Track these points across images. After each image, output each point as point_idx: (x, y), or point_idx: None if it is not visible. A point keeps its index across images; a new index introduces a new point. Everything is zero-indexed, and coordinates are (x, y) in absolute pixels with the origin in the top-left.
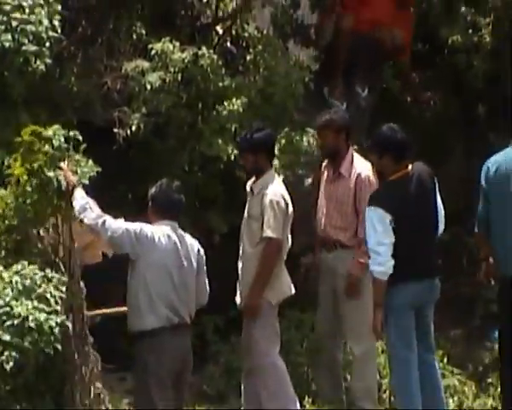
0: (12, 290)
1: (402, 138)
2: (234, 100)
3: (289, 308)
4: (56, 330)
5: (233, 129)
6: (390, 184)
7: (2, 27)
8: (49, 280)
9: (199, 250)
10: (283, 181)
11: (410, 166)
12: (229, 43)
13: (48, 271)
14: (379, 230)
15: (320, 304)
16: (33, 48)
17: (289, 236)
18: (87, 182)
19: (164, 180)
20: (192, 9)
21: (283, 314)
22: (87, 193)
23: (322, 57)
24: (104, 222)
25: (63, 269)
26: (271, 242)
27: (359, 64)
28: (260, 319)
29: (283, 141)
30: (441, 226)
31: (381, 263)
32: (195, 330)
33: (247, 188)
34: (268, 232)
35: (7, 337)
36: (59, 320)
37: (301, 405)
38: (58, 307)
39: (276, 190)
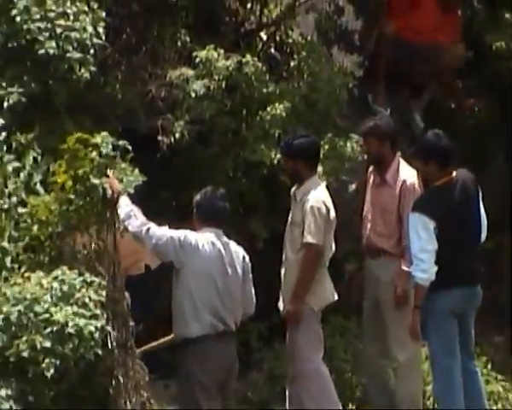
0: (51, 297)
1: (447, 145)
2: (277, 105)
3: (333, 315)
4: (96, 335)
5: (276, 135)
6: (434, 191)
7: (47, 34)
8: (89, 285)
9: (244, 258)
10: (326, 187)
11: (454, 173)
12: (273, 50)
13: (87, 275)
14: (423, 236)
15: (364, 311)
16: (77, 55)
17: (332, 242)
18: (132, 191)
19: (209, 188)
20: (236, 16)
21: (327, 321)
22: (132, 201)
23: (366, 64)
24: (148, 230)
25: (106, 276)
26: (312, 248)
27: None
28: (303, 326)
29: (327, 147)
30: (484, 234)
31: (424, 270)
32: (239, 338)
33: (291, 194)
34: (308, 238)
35: (47, 344)
36: (99, 325)
37: None
38: (98, 312)
39: (317, 196)
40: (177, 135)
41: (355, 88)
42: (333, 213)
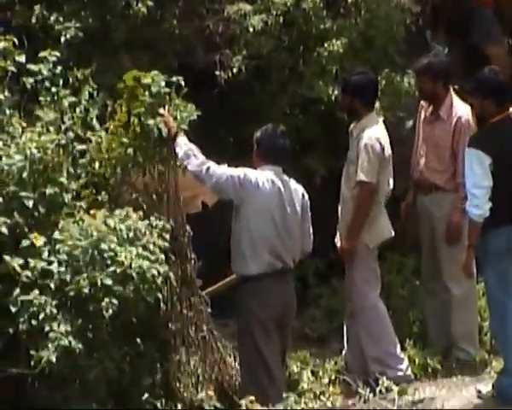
0: (117, 237)
1: (503, 81)
2: (335, 42)
3: (390, 252)
4: (159, 280)
5: (334, 71)
6: (491, 127)
7: None
8: (153, 228)
9: (303, 195)
10: (383, 123)
11: (510, 110)
12: None
13: (152, 219)
14: (478, 172)
15: (422, 247)
16: None
17: (390, 179)
18: (186, 127)
19: (269, 125)
20: None
21: (384, 257)
22: (189, 138)
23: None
24: (208, 169)
25: (168, 215)
26: (364, 185)
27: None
28: (359, 262)
29: (384, 82)
30: None
31: (479, 206)
32: (297, 274)
33: (349, 131)
34: (361, 176)
35: (109, 282)
36: (161, 270)
37: (402, 348)
38: (162, 256)
39: (371, 133)
40: (235, 70)
41: (412, 24)
42: (388, 151)
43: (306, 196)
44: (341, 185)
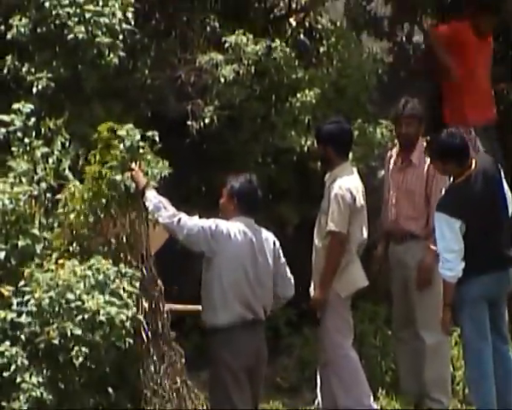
0: (84, 285)
1: (461, 143)
2: (307, 92)
3: (363, 300)
4: (128, 324)
5: (306, 121)
6: (455, 189)
7: (76, 19)
8: (123, 275)
9: (274, 243)
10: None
11: (473, 163)
12: (302, 35)
13: (121, 266)
14: (448, 236)
15: (394, 296)
16: (107, 40)
17: (364, 228)
18: (156, 184)
19: (244, 176)
20: (265, 1)
21: (357, 306)
22: (159, 189)
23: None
24: (179, 220)
25: (139, 266)
26: (335, 235)
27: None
28: (332, 312)
29: (356, 133)
30: (511, 209)
31: (451, 269)
32: (268, 323)
33: (325, 179)
34: (331, 226)
35: (78, 332)
36: (130, 314)
37: (375, 397)
38: (130, 301)
39: (343, 183)
40: (207, 120)
41: (384, 74)
42: (361, 201)
43: (278, 243)
44: (314, 235)
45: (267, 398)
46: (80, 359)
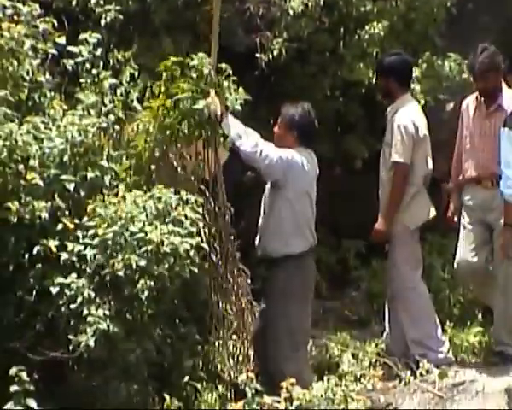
0: (146, 216)
1: None
2: (375, 24)
3: (431, 233)
4: (192, 253)
5: (374, 54)
6: None
7: None
8: (185, 203)
9: None
10: (423, 106)
11: None
12: None
13: (183, 193)
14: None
15: (465, 235)
16: None
17: (429, 159)
18: (239, 108)
19: (304, 107)
20: None
21: (425, 239)
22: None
23: None
24: (261, 152)
25: (206, 193)
26: (399, 166)
27: None
28: (400, 244)
29: (424, 66)
30: None
31: (510, 186)
32: (337, 255)
33: (386, 113)
34: (395, 157)
35: (142, 263)
36: (194, 243)
37: (443, 330)
38: (193, 229)
39: (405, 114)
40: (275, 53)
41: (453, 7)
42: (424, 131)
43: None
44: (380, 168)
45: (335, 330)
46: (146, 292)
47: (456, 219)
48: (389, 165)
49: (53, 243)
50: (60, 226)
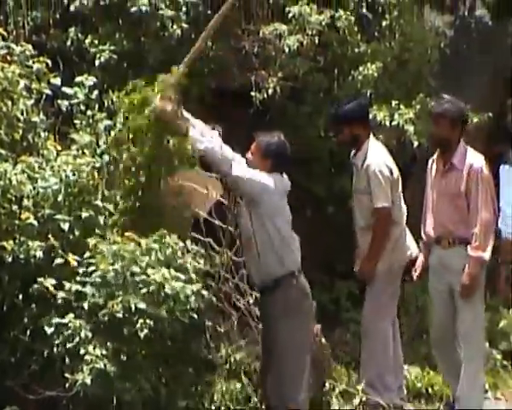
0: (150, 258)
1: None
2: (369, 65)
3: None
4: (192, 299)
5: (368, 94)
6: None
7: None
8: (188, 251)
9: None
10: (419, 146)
11: None
12: (364, 9)
13: (188, 243)
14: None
15: (434, 303)
16: (170, 12)
17: (401, 199)
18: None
19: (277, 135)
20: None
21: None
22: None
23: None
24: (231, 166)
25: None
26: (381, 211)
27: None
28: (385, 283)
29: (418, 107)
30: None
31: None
32: (329, 295)
33: (351, 160)
34: (377, 203)
35: (142, 305)
36: (195, 289)
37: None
38: (194, 276)
39: (376, 158)
40: (270, 91)
41: (446, 47)
42: (396, 172)
43: None
44: (355, 216)
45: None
46: (145, 331)
47: (416, 276)
48: (367, 212)
49: (50, 282)
50: (57, 263)
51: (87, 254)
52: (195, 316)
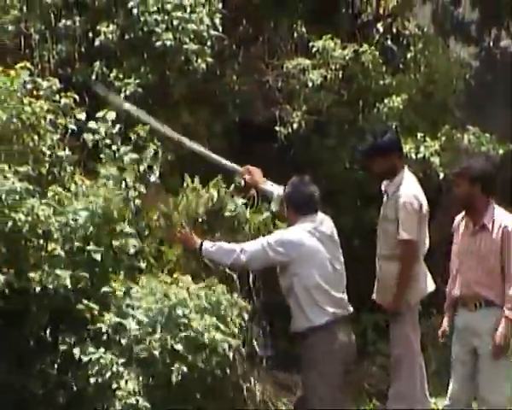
0: (195, 305)
1: None
2: (394, 97)
3: None
4: (230, 353)
5: (393, 126)
6: None
7: (164, 26)
8: (234, 305)
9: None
10: (444, 178)
11: None
12: (389, 41)
13: (235, 295)
14: None
15: (454, 366)
16: (194, 47)
17: (427, 235)
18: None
19: (294, 178)
20: (353, 7)
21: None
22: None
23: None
24: (242, 250)
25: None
26: (408, 244)
27: None
28: (403, 320)
29: (444, 139)
30: None
31: None
32: (356, 328)
33: (382, 189)
34: (403, 235)
35: (179, 347)
36: (234, 344)
37: None
38: (236, 330)
39: (409, 189)
40: (295, 125)
41: (471, 79)
42: (425, 207)
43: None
44: (379, 243)
45: (356, 402)
46: (179, 377)
47: (442, 339)
48: (392, 241)
49: (94, 307)
50: (106, 289)
51: (135, 288)
52: (228, 370)
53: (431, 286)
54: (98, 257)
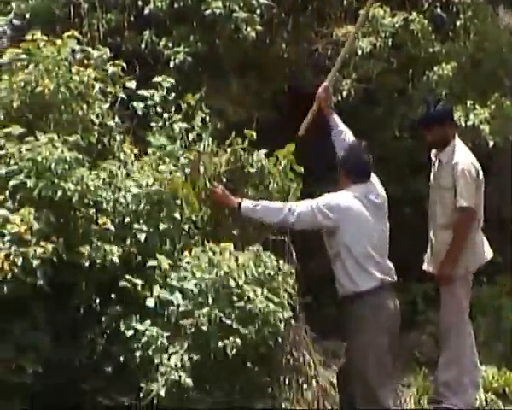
0: (245, 276)
1: None
2: (444, 65)
3: (500, 275)
4: (282, 325)
5: (443, 94)
6: None
7: None
8: (280, 271)
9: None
10: (494, 146)
11: None
12: (439, 9)
13: (281, 262)
14: None
15: None
16: (244, 15)
17: (482, 201)
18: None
19: (352, 142)
20: None
21: (495, 281)
22: None
23: None
24: (290, 209)
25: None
26: (465, 211)
27: None
28: (461, 286)
29: (493, 107)
30: None
31: None
32: (405, 297)
33: (432, 157)
34: (462, 202)
35: (228, 322)
36: (286, 316)
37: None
38: (285, 301)
39: (464, 157)
40: (344, 93)
41: None
42: (481, 174)
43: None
44: (434, 212)
45: (405, 371)
46: (234, 351)
47: None
48: (450, 209)
49: (139, 282)
50: (152, 263)
51: (184, 260)
52: (280, 340)
53: (489, 253)
54: (142, 237)
